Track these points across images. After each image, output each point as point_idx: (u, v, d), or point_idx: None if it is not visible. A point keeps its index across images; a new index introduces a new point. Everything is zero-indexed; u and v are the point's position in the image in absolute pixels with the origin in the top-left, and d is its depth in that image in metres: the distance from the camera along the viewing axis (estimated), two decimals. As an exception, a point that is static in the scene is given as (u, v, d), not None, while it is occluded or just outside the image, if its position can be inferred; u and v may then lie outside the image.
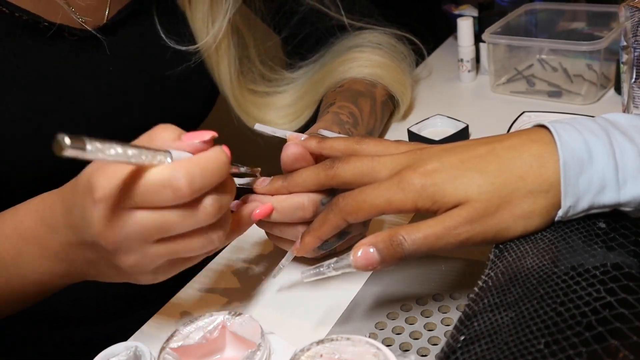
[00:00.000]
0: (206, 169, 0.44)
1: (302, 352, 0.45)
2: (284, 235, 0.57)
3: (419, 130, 0.84)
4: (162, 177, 0.43)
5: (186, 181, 0.43)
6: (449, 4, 1.13)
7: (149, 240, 0.45)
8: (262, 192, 0.56)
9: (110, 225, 0.44)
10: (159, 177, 0.43)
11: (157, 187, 0.43)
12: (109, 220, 0.44)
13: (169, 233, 0.45)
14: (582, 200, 0.45)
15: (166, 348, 0.48)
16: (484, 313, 0.41)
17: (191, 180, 0.43)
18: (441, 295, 0.56)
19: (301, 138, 0.57)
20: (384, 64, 0.86)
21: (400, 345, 0.52)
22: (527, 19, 1.01)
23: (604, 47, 0.85)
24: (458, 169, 0.47)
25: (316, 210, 0.55)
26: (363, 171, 0.51)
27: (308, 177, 0.55)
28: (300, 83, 0.88)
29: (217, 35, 0.74)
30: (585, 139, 0.45)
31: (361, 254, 0.46)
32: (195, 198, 0.44)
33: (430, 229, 0.46)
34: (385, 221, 0.68)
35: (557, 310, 0.39)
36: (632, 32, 0.69)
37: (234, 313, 0.50)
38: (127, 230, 0.44)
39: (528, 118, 0.81)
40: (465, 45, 0.99)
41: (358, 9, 0.89)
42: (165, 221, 0.44)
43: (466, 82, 1.02)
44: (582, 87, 0.91)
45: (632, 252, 0.42)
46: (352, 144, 0.55)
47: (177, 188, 0.43)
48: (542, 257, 0.44)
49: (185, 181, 0.43)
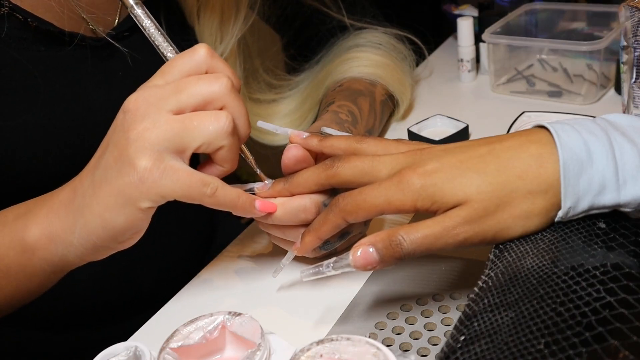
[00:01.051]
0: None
1: (302, 352, 0.45)
2: (286, 237, 0.57)
3: (419, 130, 0.84)
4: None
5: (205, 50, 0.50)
6: (449, 4, 1.13)
7: (165, 107, 0.48)
8: (264, 195, 0.56)
9: (133, 94, 0.49)
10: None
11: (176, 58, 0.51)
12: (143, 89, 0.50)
13: (182, 104, 0.49)
14: (582, 200, 0.45)
15: (166, 348, 0.48)
16: (484, 313, 0.41)
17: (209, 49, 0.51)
18: (441, 295, 0.56)
19: (303, 136, 0.58)
20: (384, 64, 0.86)
21: (400, 345, 0.52)
22: (527, 19, 1.01)
23: (604, 47, 0.85)
24: (457, 169, 0.47)
25: (318, 211, 0.55)
26: (363, 170, 0.51)
27: (309, 177, 0.55)
28: (303, 87, 0.88)
29: (224, 52, 0.74)
30: (584, 140, 0.45)
31: (360, 253, 0.47)
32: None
33: (429, 229, 0.46)
34: (387, 221, 0.68)
35: (557, 310, 0.39)
36: (632, 32, 0.69)
37: (234, 313, 0.50)
38: (147, 93, 0.49)
39: (528, 118, 0.81)
40: (465, 45, 0.99)
41: (359, 10, 0.89)
42: (180, 87, 0.49)
43: (466, 82, 1.02)
44: (582, 87, 0.91)
45: (632, 252, 0.42)
46: (353, 143, 0.55)
47: (194, 60, 0.50)
48: (542, 257, 0.44)
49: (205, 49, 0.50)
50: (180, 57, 0.51)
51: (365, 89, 0.82)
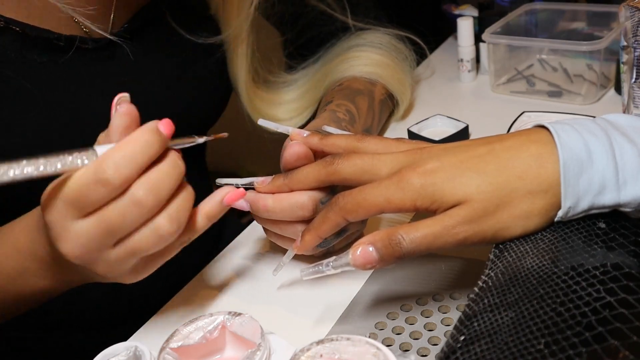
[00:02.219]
0: (131, 152, 0.43)
1: (302, 352, 0.45)
2: (283, 233, 0.58)
3: (419, 130, 0.84)
4: (87, 175, 0.43)
5: (113, 171, 0.43)
6: (449, 4, 1.13)
7: (105, 247, 0.46)
8: (263, 190, 0.56)
9: (66, 242, 0.45)
10: (85, 177, 0.43)
11: (87, 187, 0.43)
12: (64, 238, 0.45)
13: (118, 234, 0.45)
14: (582, 200, 0.45)
15: (166, 348, 0.48)
16: (484, 313, 0.41)
17: (116, 168, 0.43)
18: (441, 295, 0.56)
19: (304, 134, 0.58)
20: (384, 63, 0.86)
21: (400, 345, 0.52)
22: (527, 19, 1.01)
23: (604, 47, 0.85)
24: (457, 168, 0.47)
25: (316, 208, 0.55)
26: (363, 168, 0.51)
27: (309, 173, 0.55)
28: (300, 83, 0.88)
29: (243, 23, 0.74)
30: (584, 140, 0.45)
31: (360, 252, 0.47)
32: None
33: (429, 229, 0.46)
34: (386, 219, 0.68)
35: (557, 310, 0.39)
36: (632, 32, 0.69)
37: (234, 313, 0.50)
38: (80, 243, 0.45)
39: (528, 118, 0.81)
40: (465, 45, 0.99)
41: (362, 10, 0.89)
42: (108, 223, 0.44)
43: (466, 82, 1.02)
44: (582, 87, 0.91)
45: (632, 252, 0.42)
46: (354, 142, 0.55)
47: (106, 180, 0.43)
48: (542, 257, 0.44)
49: (112, 171, 0.43)
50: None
51: (364, 89, 0.82)
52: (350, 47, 0.87)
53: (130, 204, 0.44)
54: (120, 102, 0.47)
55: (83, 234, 0.45)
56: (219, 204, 0.51)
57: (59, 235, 0.45)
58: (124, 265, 0.48)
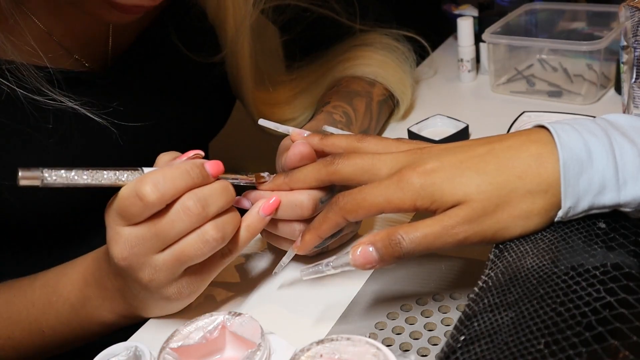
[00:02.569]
0: (171, 175, 0.48)
1: (302, 352, 0.45)
2: (279, 232, 0.58)
3: (419, 130, 0.84)
4: (129, 189, 0.48)
5: (150, 188, 0.47)
6: (449, 4, 1.13)
7: (152, 250, 0.49)
8: (264, 189, 0.57)
9: (116, 244, 0.49)
10: (127, 190, 0.48)
11: (127, 200, 0.48)
12: (115, 241, 0.49)
13: (165, 239, 0.49)
14: (582, 200, 0.45)
15: (166, 348, 0.48)
16: (484, 313, 0.41)
17: (155, 186, 0.47)
18: (441, 295, 0.56)
19: (304, 134, 0.58)
20: (385, 63, 0.86)
21: (400, 345, 0.52)
22: (527, 19, 1.01)
23: (604, 47, 0.85)
24: (457, 168, 0.47)
25: (315, 208, 0.55)
26: (363, 168, 0.51)
27: (309, 173, 0.55)
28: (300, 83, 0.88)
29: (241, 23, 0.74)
30: (584, 140, 0.45)
31: (360, 252, 0.47)
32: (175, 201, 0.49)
33: (429, 228, 0.46)
34: (386, 220, 0.68)
35: (557, 310, 0.39)
36: (632, 32, 0.69)
37: (234, 313, 0.50)
38: (129, 245, 0.49)
39: (528, 118, 0.81)
40: (465, 45, 0.99)
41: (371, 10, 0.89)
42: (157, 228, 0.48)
43: (466, 82, 1.02)
44: (582, 87, 0.91)
45: (632, 252, 0.42)
46: (354, 142, 0.55)
47: (143, 195, 0.47)
48: (542, 257, 0.44)
49: (150, 187, 0.47)
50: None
51: (362, 90, 0.82)
52: (351, 47, 0.87)
53: (180, 211, 0.48)
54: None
55: (132, 237, 0.49)
56: (258, 216, 0.54)
57: (111, 239, 0.50)
58: (169, 274, 0.50)
